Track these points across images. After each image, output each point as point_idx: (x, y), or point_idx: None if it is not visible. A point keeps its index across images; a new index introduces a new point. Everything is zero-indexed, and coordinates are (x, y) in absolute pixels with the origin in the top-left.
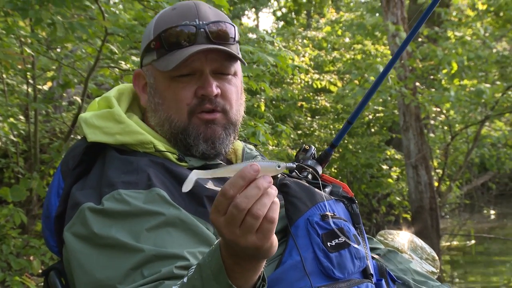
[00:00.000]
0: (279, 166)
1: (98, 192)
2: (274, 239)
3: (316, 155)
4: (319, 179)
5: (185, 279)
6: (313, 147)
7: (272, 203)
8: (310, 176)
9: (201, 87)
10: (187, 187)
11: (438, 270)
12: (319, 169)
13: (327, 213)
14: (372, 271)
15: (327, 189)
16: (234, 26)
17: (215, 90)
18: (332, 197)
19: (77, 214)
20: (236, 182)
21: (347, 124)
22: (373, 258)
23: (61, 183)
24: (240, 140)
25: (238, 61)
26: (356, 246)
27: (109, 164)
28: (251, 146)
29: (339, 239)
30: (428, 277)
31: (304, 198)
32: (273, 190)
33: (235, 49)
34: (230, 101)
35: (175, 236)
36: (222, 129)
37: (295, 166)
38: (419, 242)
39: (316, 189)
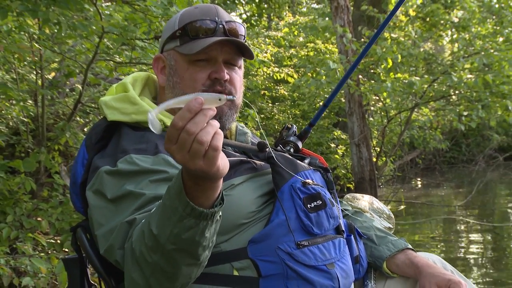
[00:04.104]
0: (220, 99)
1: (114, 158)
2: (221, 164)
3: (297, 133)
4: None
5: (161, 200)
6: (294, 126)
7: (215, 133)
8: (292, 150)
9: (215, 71)
10: (154, 128)
11: (393, 226)
12: (300, 144)
13: (307, 180)
14: (343, 228)
15: (306, 161)
16: (244, 27)
17: (226, 76)
18: (310, 167)
19: (96, 176)
20: (184, 115)
21: (323, 106)
22: (344, 217)
23: (86, 155)
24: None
25: (242, 58)
26: (331, 206)
27: (124, 137)
28: (242, 124)
29: (317, 201)
30: (387, 233)
31: (288, 168)
32: (216, 123)
33: (246, 43)
34: (235, 86)
35: None
36: (228, 108)
37: (234, 98)
38: (378, 203)
39: (298, 161)
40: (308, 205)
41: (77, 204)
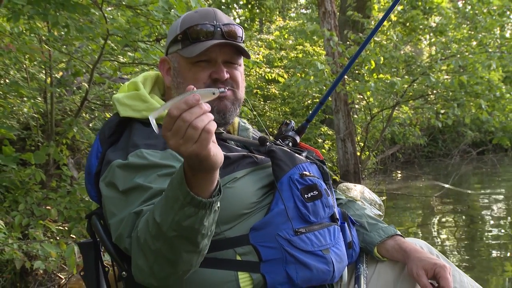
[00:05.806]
0: (214, 93)
1: (125, 152)
2: (213, 150)
3: (295, 128)
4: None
5: (165, 191)
6: (292, 121)
7: (209, 121)
8: (290, 144)
9: (215, 72)
10: (155, 128)
11: (383, 214)
12: (298, 139)
13: (304, 172)
14: (337, 216)
15: (304, 154)
16: (241, 29)
17: (226, 75)
18: (307, 160)
19: (108, 169)
20: (180, 106)
21: (319, 104)
22: (338, 206)
23: (99, 148)
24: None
25: (242, 56)
26: (327, 196)
27: (135, 132)
28: (245, 120)
29: (314, 192)
30: (378, 220)
31: (287, 160)
32: (211, 115)
33: (242, 45)
34: (237, 82)
35: None
36: (231, 104)
37: (225, 90)
38: (369, 193)
39: (296, 154)
40: (305, 195)
41: (92, 193)
